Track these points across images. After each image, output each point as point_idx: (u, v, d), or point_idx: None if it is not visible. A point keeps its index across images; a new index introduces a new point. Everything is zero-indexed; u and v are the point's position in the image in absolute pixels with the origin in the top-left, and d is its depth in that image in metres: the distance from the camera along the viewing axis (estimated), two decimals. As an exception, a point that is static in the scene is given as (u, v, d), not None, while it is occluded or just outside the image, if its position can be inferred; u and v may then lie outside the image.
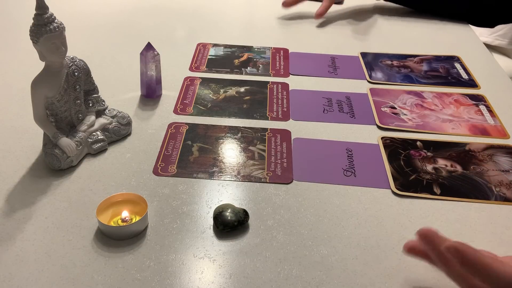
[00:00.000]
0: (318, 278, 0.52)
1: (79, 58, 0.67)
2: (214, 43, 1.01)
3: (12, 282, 0.51)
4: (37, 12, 0.60)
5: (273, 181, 0.65)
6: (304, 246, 0.56)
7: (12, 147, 0.69)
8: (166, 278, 0.52)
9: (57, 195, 0.62)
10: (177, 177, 0.65)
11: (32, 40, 0.60)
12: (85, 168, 0.66)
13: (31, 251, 0.54)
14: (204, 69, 0.92)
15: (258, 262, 0.54)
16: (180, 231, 0.57)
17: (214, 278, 0.52)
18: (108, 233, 0.56)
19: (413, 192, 0.64)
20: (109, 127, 0.70)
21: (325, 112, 0.80)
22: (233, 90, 0.85)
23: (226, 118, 0.78)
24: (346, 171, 0.68)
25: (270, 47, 1.00)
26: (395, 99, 0.84)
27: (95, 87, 0.71)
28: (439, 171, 0.68)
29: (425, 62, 0.97)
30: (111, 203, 0.58)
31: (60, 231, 0.57)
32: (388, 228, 0.59)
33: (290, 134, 0.75)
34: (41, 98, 0.63)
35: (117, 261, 0.53)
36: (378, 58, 0.98)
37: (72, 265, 0.53)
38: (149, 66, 0.79)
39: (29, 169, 0.65)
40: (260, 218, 0.59)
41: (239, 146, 0.72)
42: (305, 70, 0.93)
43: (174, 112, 0.79)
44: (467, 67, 0.95)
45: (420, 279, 0.53)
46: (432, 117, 0.80)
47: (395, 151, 0.72)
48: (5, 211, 0.59)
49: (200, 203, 0.61)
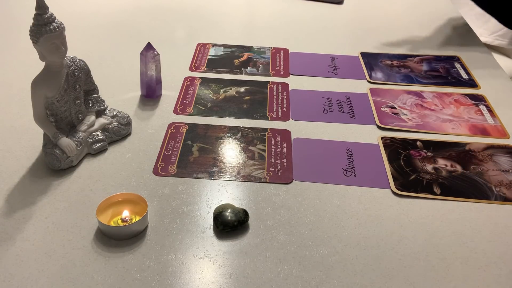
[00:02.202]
0: (318, 278, 0.52)
1: (79, 58, 0.67)
2: (214, 43, 1.01)
3: (12, 282, 0.51)
4: (37, 12, 0.60)
5: (273, 181, 0.65)
6: (304, 246, 0.56)
7: (12, 147, 0.69)
8: (166, 278, 0.52)
9: (57, 195, 0.62)
10: (177, 177, 0.65)
11: (32, 40, 0.60)
12: (85, 168, 0.66)
13: (31, 251, 0.54)
14: (204, 69, 0.92)
15: (258, 262, 0.54)
16: (180, 231, 0.57)
17: (214, 278, 0.52)
18: (108, 233, 0.56)
19: (413, 192, 0.64)
20: (109, 127, 0.70)
21: (325, 112, 0.80)
22: (233, 90, 0.85)
23: (226, 118, 0.78)
24: (346, 171, 0.68)
25: (270, 47, 1.00)
26: (395, 99, 0.84)
27: (95, 87, 0.71)
28: (439, 171, 0.68)
29: (425, 62, 0.97)
30: (111, 203, 0.58)
31: (60, 231, 0.57)
32: (388, 228, 0.59)
33: (290, 134, 0.75)
34: (41, 98, 0.63)
35: (117, 261, 0.53)
36: (378, 58, 0.98)
37: (72, 265, 0.53)
38: (149, 66, 0.79)
39: (29, 169, 0.65)
40: (260, 218, 0.59)
41: (239, 146, 0.72)
42: (305, 70, 0.93)
43: (174, 112, 0.79)
44: (467, 67, 0.95)
45: (420, 279, 0.53)
46: (432, 117, 0.80)
47: (395, 151, 0.72)
48: (5, 211, 0.59)
49: (200, 203, 0.61)
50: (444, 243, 0.57)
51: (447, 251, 0.56)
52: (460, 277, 0.53)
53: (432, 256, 0.56)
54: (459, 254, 0.56)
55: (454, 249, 0.57)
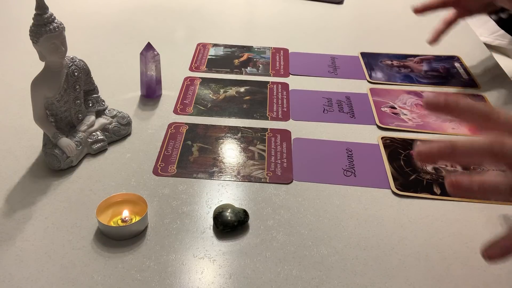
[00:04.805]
0: (318, 278, 0.52)
1: (79, 58, 0.67)
2: (214, 43, 1.01)
3: (12, 282, 0.51)
4: (37, 12, 0.59)
5: (273, 181, 0.65)
6: (304, 246, 0.56)
7: (12, 147, 0.69)
8: (166, 278, 0.52)
9: (57, 195, 0.62)
10: (177, 177, 0.65)
11: (32, 40, 0.60)
12: (85, 168, 0.66)
13: (31, 251, 0.54)
14: (204, 69, 0.92)
15: (258, 262, 0.54)
16: (180, 231, 0.57)
17: (214, 278, 0.52)
18: (108, 233, 0.56)
19: (413, 192, 0.64)
20: (109, 127, 0.70)
21: (325, 112, 0.80)
22: (233, 90, 0.85)
23: (226, 118, 0.78)
24: (346, 171, 0.68)
25: (270, 47, 1.00)
26: (395, 99, 0.84)
27: (95, 87, 0.71)
28: (439, 171, 0.68)
29: (425, 62, 0.97)
30: (111, 203, 0.58)
31: (60, 231, 0.57)
32: (388, 228, 0.59)
33: (290, 134, 0.75)
34: (41, 98, 0.63)
35: (117, 261, 0.53)
36: (378, 58, 0.98)
37: (72, 265, 0.53)
38: (149, 66, 0.79)
39: (29, 169, 0.65)
40: (260, 218, 0.59)
41: (239, 146, 0.72)
42: (305, 70, 0.93)
43: (174, 112, 0.79)
44: (467, 67, 0.95)
45: (420, 279, 0.53)
46: (432, 117, 0.80)
47: (395, 151, 0.72)
48: (5, 211, 0.59)
49: (200, 203, 0.61)
50: (444, 243, 0.57)
51: (447, 251, 0.56)
52: (460, 277, 0.53)
53: (432, 256, 0.56)
54: (459, 254, 0.56)
55: (454, 249, 0.57)
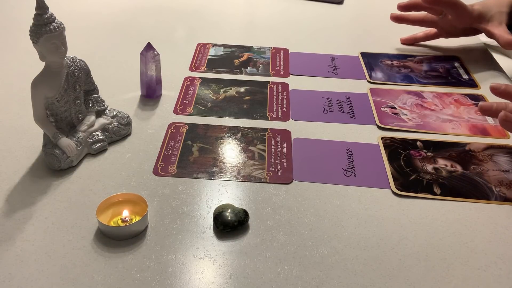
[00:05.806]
0: (318, 278, 0.52)
1: (79, 58, 0.67)
2: (214, 43, 1.01)
3: (12, 282, 0.51)
4: (37, 12, 0.60)
5: (273, 181, 0.65)
6: (304, 246, 0.56)
7: (12, 147, 0.69)
8: (166, 278, 0.52)
9: (57, 195, 0.62)
10: (177, 177, 0.65)
11: (32, 40, 0.60)
12: (85, 168, 0.66)
13: (31, 251, 0.54)
14: (204, 69, 0.92)
15: (258, 262, 0.54)
16: (180, 231, 0.57)
17: (214, 278, 0.52)
18: (108, 233, 0.56)
19: (413, 192, 0.64)
20: (109, 127, 0.70)
21: (325, 112, 0.80)
22: (233, 90, 0.85)
23: (226, 118, 0.78)
24: (346, 171, 0.68)
25: (270, 47, 1.00)
26: (395, 99, 0.84)
27: (95, 87, 0.72)
28: (439, 171, 0.68)
29: (425, 62, 0.97)
30: (111, 203, 0.58)
31: (60, 231, 0.57)
32: (388, 228, 0.59)
33: (290, 134, 0.75)
34: (41, 98, 0.63)
35: (117, 261, 0.53)
36: (378, 58, 0.98)
37: (72, 265, 0.53)
38: (149, 66, 0.79)
39: (29, 169, 0.65)
40: (260, 218, 0.59)
41: (239, 146, 0.72)
42: (305, 70, 0.93)
43: (174, 112, 0.79)
44: (467, 67, 0.95)
45: (420, 279, 0.53)
46: (432, 117, 0.80)
47: (395, 151, 0.72)
48: (5, 211, 0.59)
49: (200, 203, 0.61)
50: (444, 243, 0.57)
51: (447, 251, 0.56)
52: (460, 277, 0.53)
53: (432, 256, 0.56)
54: (459, 254, 0.56)
55: (454, 249, 0.57)
